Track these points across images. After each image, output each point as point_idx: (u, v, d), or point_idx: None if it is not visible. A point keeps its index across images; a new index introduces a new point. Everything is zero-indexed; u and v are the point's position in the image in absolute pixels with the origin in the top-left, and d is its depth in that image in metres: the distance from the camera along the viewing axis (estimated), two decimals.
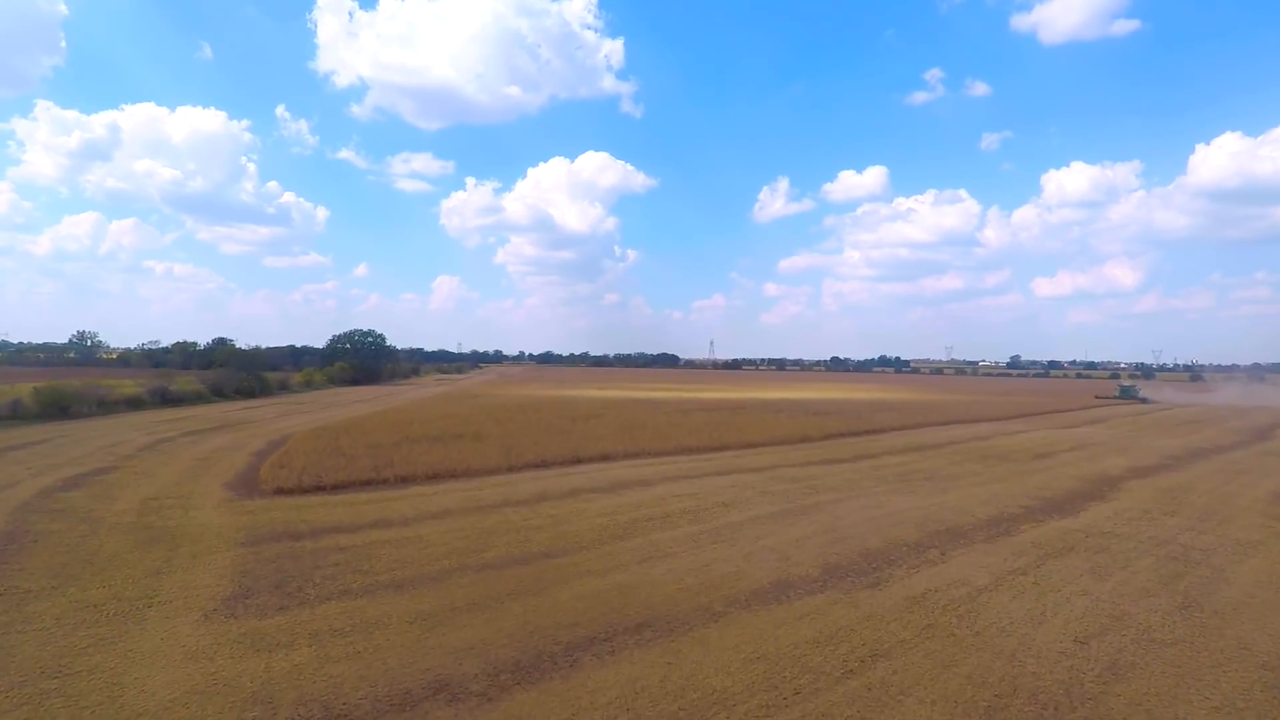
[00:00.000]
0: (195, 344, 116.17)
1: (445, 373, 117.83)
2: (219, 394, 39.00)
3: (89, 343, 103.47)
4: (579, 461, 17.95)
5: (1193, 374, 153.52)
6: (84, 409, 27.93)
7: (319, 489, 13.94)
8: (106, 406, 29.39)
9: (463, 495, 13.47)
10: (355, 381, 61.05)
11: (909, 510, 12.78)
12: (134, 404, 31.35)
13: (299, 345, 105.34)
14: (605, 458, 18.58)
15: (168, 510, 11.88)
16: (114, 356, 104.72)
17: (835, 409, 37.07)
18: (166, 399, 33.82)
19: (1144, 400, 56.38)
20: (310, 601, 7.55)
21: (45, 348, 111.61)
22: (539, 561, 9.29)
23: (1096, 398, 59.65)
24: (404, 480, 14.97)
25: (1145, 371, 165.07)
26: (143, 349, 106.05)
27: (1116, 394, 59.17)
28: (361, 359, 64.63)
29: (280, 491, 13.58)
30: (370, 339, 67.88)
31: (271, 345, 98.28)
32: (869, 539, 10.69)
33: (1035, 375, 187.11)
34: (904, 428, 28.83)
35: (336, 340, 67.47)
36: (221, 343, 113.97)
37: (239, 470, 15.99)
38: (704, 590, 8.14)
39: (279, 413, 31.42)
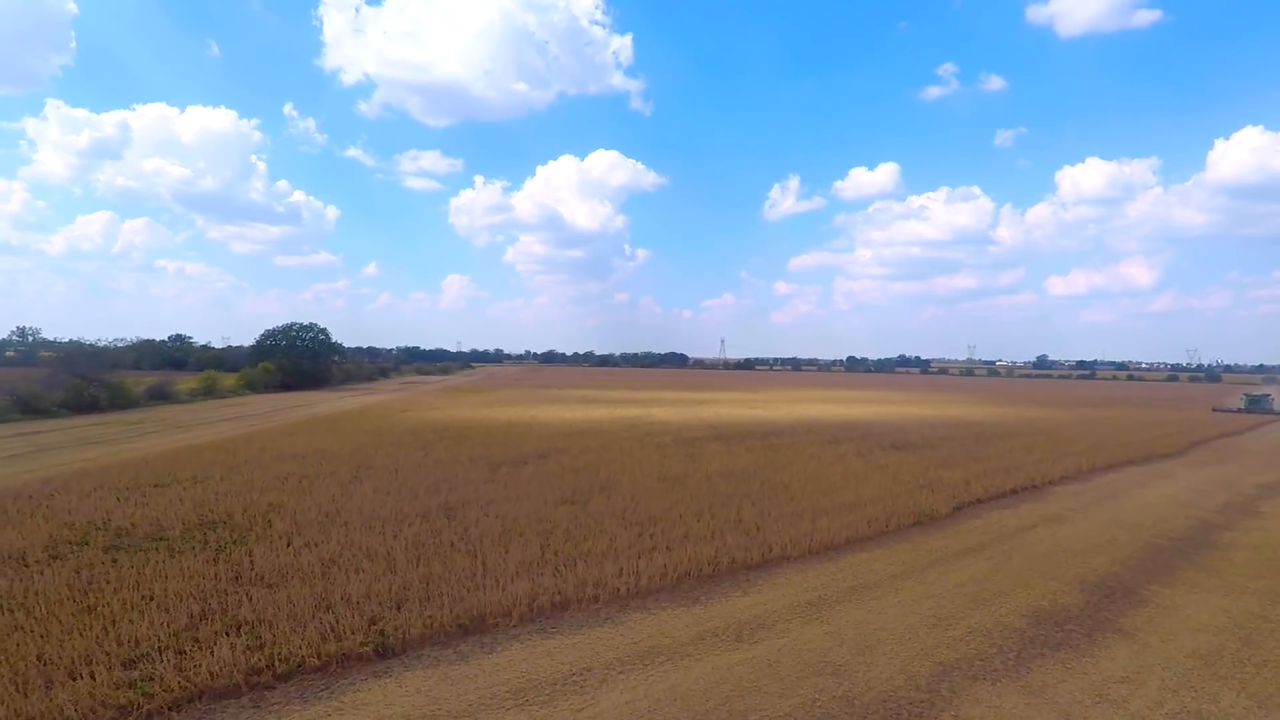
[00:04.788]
0: (162, 341, 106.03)
1: (426, 373, 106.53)
2: (32, 409, 27.51)
3: (30, 339, 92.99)
4: (391, 654, 6.28)
5: (1267, 375, 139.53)
6: None
7: None
8: None
9: None
10: (286, 386, 49.64)
11: None
12: None
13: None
14: (470, 631, 6.89)
15: None
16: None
17: (916, 437, 24.99)
18: None
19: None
20: None
21: None
22: None
23: (1214, 410, 47.19)
24: None
25: (1209, 374, 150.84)
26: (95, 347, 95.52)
27: (1243, 405, 46.64)
28: (297, 359, 52.91)
29: None
30: (311, 334, 56.09)
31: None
32: None
33: (1079, 377, 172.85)
34: (1064, 479, 16.93)
35: (267, 337, 55.62)
36: (179, 340, 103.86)
37: None
38: None
39: (39, 447, 19.94)
